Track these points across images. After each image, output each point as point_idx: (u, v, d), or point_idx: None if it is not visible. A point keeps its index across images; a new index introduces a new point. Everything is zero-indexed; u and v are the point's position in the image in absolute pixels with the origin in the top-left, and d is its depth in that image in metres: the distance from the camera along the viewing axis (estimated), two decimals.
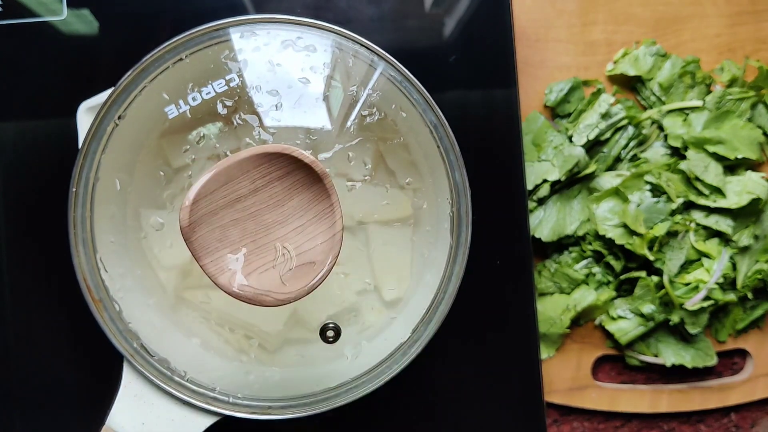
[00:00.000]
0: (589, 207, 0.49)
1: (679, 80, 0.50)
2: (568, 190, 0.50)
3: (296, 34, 0.35)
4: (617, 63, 0.51)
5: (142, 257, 0.35)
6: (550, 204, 0.50)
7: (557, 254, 0.51)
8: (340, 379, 0.35)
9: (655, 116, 0.50)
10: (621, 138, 0.50)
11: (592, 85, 0.51)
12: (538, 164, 0.49)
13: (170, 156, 0.35)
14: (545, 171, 0.49)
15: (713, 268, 0.47)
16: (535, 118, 0.51)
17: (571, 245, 0.50)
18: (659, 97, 0.50)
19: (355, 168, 0.35)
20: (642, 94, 0.51)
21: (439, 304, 0.35)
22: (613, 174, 0.50)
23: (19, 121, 0.42)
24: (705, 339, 0.50)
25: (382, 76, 0.35)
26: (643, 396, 0.51)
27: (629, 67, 0.50)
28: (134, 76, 0.34)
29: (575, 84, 0.50)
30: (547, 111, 0.52)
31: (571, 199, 0.50)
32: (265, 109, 0.34)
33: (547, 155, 0.49)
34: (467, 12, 0.43)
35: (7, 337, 0.42)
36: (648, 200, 0.48)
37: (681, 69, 0.50)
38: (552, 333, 0.49)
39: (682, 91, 0.50)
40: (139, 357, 0.34)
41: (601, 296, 0.49)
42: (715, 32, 0.52)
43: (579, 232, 0.49)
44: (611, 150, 0.50)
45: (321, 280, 0.29)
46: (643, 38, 0.51)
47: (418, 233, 0.36)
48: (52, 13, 0.43)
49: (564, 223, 0.49)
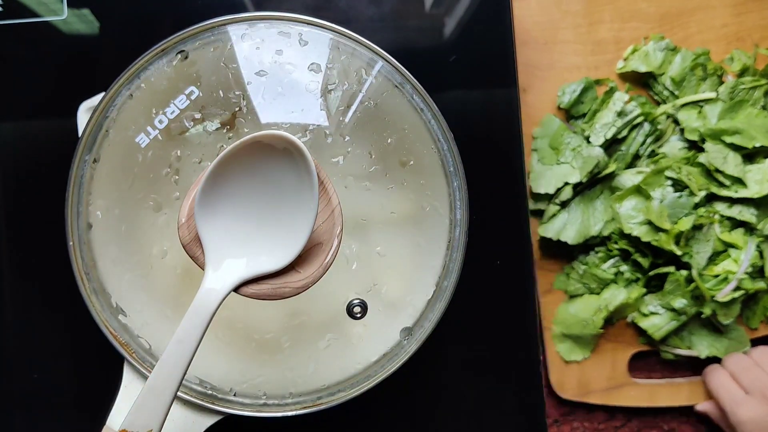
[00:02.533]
0: (612, 206, 0.49)
1: (691, 73, 0.50)
2: (590, 191, 0.50)
3: (296, 32, 0.35)
4: (627, 60, 0.51)
5: (142, 258, 0.35)
6: (573, 206, 0.50)
7: (583, 255, 0.50)
8: (340, 377, 0.35)
9: (669, 111, 0.50)
10: (638, 135, 0.50)
11: (604, 83, 0.51)
12: (557, 167, 0.49)
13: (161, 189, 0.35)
14: (566, 174, 0.49)
15: (741, 259, 0.47)
16: (550, 121, 0.50)
17: (597, 245, 0.50)
18: (672, 91, 0.50)
19: (354, 168, 0.35)
20: (654, 89, 0.51)
21: (437, 301, 0.35)
22: (633, 171, 0.49)
23: (19, 121, 0.42)
24: (738, 328, 0.50)
25: (381, 76, 0.35)
26: (681, 389, 0.51)
27: (640, 63, 0.50)
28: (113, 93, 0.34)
29: (587, 84, 0.50)
30: (561, 113, 0.51)
31: (593, 200, 0.50)
32: (264, 108, 0.34)
33: (565, 158, 0.49)
34: (467, 12, 0.43)
35: (7, 337, 0.42)
36: (670, 195, 0.48)
37: (692, 62, 0.50)
38: (586, 334, 0.49)
39: (694, 83, 0.50)
40: (140, 358, 0.34)
41: (632, 294, 0.49)
42: (721, 22, 0.52)
43: (604, 232, 0.49)
44: (629, 148, 0.50)
45: (332, 258, 0.29)
46: (650, 33, 0.51)
47: (417, 233, 0.36)
48: (53, 13, 0.43)
49: (588, 224, 0.49)
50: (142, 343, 0.35)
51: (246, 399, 0.35)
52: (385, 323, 0.36)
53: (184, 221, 0.29)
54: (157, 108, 0.34)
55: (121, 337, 0.34)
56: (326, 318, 0.35)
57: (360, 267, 0.35)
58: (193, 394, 0.35)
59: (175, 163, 0.34)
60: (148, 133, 0.34)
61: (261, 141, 0.27)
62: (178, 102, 0.34)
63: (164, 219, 0.34)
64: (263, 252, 0.29)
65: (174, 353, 0.27)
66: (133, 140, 0.34)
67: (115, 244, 0.35)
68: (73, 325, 0.42)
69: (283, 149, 0.28)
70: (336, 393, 0.35)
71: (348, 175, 0.35)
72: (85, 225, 0.34)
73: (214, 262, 0.29)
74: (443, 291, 0.35)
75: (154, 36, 0.35)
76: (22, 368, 0.42)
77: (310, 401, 0.35)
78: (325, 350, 0.35)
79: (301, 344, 0.35)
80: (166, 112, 0.34)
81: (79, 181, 0.34)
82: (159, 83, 0.34)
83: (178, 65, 0.34)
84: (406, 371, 0.35)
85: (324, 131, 0.34)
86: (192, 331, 0.27)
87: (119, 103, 0.34)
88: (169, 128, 0.34)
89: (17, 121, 0.42)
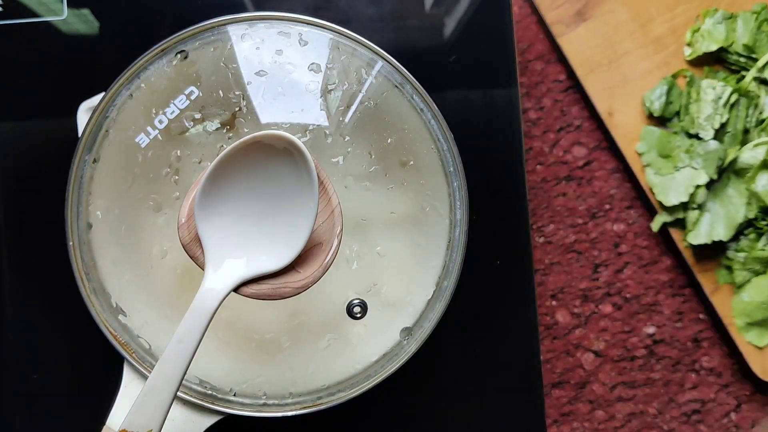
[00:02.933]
0: (748, 188, 0.48)
1: (759, 32, 0.50)
2: (718, 183, 0.49)
3: (296, 32, 0.35)
4: (692, 45, 0.51)
5: (142, 258, 0.35)
6: (710, 205, 0.49)
7: (733, 243, 0.50)
8: (340, 377, 0.35)
9: (755, 75, 0.49)
10: (738, 111, 0.49)
11: (681, 75, 0.51)
12: (678, 174, 0.49)
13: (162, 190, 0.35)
14: (692, 177, 0.48)
15: None
16: (649, 133, 0.50)
17: (743, 230, 0.50)
18: (749, 56, 0.50)
19: (354, 168, 0.35)
20: (730, 60, 0.51)
21: (437, 301, 0.35)
22: (751, 146, 0.49)
23: (19, 121, 0.42)
24: None
25: (381, 76, 0.35)
26: None
27: (707, 43, 0.50)
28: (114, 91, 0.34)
29: (669, 84, 0.50)
30: (653, 120, 0.51)
31: (725, 190, 0.49)
32: (264, 108, 0.34)
33: (682, 161, 0.49)
34: (467, 12, 0.43)
35: (7, 337, 0.42)
36: None
37: (755, 22, 0.50)
38: None
39: (766, 40, 0.50)
40: (140, 358, 0.34)
41: None
42: None
43: (749, 215, 0.48)
44: (735, 126, 0.49)
45: (333, 258, 0.29)
46: (700, 11, 0.51)
47: (417, 233, 0.36)
48: (53, 13, 0.43)
49: (732, 215, 0.49)
50: (142, 343, 0.35)
51: (246, 399, 0.35)
52: (385, 323, 0.36)
53: (184, 221, 0.29)
54: (157, 108, 0.34)
55: (121, 337, 0.34)
56: (326, 318, 0.35)
57: (360, 267, 0.35)
58: (193, 394, 0.35)
59: (175, 163, 0.34)
60: (148, 133, 0.34)
61: (261, 141, 0.27)
62: (178, 102, 0.34)
63: (164, 219, 0.34)
64: (263, 252, 0.29)
65: (174, 353, 0.27)
66: (133, 140, 0.34)
67: (115, 244, 0.35)
68: (73, 325, 0.42)
69: (283, 149, 0.28)
70: (336, 393, 0.35)
71: (348, 175, 0.35)
72: (85, 225, 0.34)
73: (214, 262, 0.29)
74: (443, 291, 0.35)
75: (154, 36, 0.35)
76: (22, 368, 0.42)
77: (310, 401, 0.35)
78: (325, 350, 0.35)
79: (301, 344, 0.35)
80: (166, 112, 0.34)
81: (79, 181, 0.34)
82: (159, 83, 0.34)
83: (178, 65, 0.34)
84: (406, 371, 0.35)
85: (324, 131, 0.34)
86: (192, 331, 0.27)
87: (119, 103, 0.34)
88: (169, 128, 0.34)
89: (17, 121, 0.42)
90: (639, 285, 0.53)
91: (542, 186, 0.53)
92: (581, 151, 0.53)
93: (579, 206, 0.53)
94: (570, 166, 0.53)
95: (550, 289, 0.53)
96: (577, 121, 0.53)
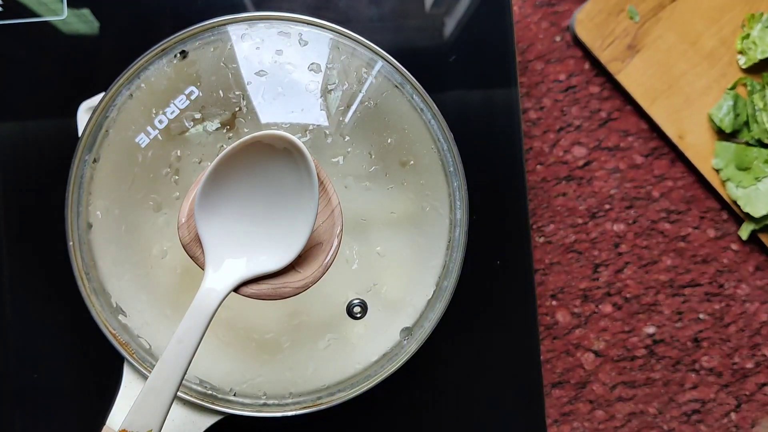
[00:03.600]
0: None
1: None
2: None
3: (296, 32, 0.35)
4: (745, 53, 0.51)
5: (142, 258, 0.35)
6: None
7: None
8: (340, 377, 0.35)
9: None
10: None
11: (739, 84, 0.51)
12: (762, 185, 0.50)
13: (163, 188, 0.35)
14: None
15: None
16: (723, 148, 0.51)
17: None
18: None
19: (354, 168, 0.35)
20: None
21: (437, 301, 0.35)
22: None
23: (19, 121, 0.42)
24: None
25: (381, 76, 0.35)
26: None
27: (758, 51, 0.50)
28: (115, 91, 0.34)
29: (733, 96, 0.51)
30: (722, 134, 0.52)
31: None
32: (264, 108, 0.34)
33: (764, 172, 0.49)
34: (467, 12, 0.43)
35: (7, 337, 0.42)
36: None
37: None
38: None
39: None
40: (140, 358, 0.34)
41: None
42: None
43: None
44: None
45: (332, 258, 0.29)
46: (745, 15, 0.51)
47: (417, 233, 0.36)
48: (53, 13, 0.43)
49: None
50: (142, 343, 0.35)
51: (246, 399, 0.35)
52: (385, 323, 0.36)
53: (184, 221, 0.29)
54: (157, 108, 0.34)
55: (121, 337, 0.34)
56: (326, 318, 0.35)
57: (360, 267, 0.35)
58: (193, 394, 0.35)
59: (175, 163, 0.34)
60: (148, 133, 0.34)
61: (261, 141, 0.27)
62: (178, 102, 0.34)
63: (164, 219, 0.34)
64: (263, 252, 0.29)
65: (174, 353, 0.27)
66: (133, 140, 0.34)
67: (115, 244, 0.35)
68: (73, 325, 0.42)
69: (283, 149, 0.28)
70: (336, 393, 0.35)
71: (348, 175, 0.35)
72: (85, 225, 0.34)
73: (214, 262, 0.29)
74: (443, 291, 0.35)
75: (154, 36, 0.35)
76: (22, 368, 0.42)
77: (310, 401, 0.35)
78: (324, 350, 0.35)
79: (300, 344, 0.35)
80: (166, 112, 0.34)
81: (79, 181, 0.34)
82: (159, 83, 0.34)
83: (178, 65, 0.34)
84: (406, 371, 0.35)
85: (324, 131, 0.34)
86: (192, 330, 0.27)
87: (119, 103, 0.34)
88: (169, 128, 0.34)
89: (17, 121, 0.42)
90: (639, 285, 0.53)
91: (542, 186, 0.53)
92: (581, 151, 0.53)
93: (579, 206, 0.53)
94: (570, 166, 0.53)
95: (550, 289, 0.52)
96: (577, 121, 0.53)
